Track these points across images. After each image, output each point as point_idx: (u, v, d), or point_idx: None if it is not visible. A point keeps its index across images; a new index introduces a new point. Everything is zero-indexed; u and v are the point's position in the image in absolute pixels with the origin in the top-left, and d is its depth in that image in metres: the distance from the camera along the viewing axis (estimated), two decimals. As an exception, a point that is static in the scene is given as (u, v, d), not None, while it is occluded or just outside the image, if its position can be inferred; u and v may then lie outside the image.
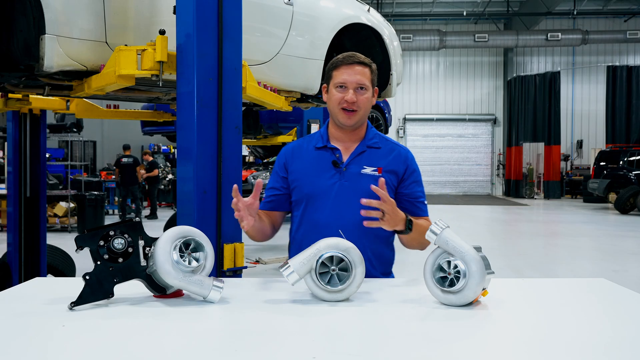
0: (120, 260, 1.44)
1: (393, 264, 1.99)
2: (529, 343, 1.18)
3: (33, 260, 4.11)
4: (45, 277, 4.10)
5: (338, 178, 1.86)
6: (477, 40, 20.02)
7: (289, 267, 1.47)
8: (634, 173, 14.71)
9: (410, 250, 1.94)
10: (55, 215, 10.14)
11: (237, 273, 2.48)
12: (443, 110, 23.13)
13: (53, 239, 4.91)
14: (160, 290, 1.48)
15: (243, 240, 2.46)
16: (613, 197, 14.93)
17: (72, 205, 10.12)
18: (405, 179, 1.91)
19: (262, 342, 1.16)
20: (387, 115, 8.05)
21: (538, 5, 20.07)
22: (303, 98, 3.93)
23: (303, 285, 1.51)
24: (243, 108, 3.12)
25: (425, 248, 1.86)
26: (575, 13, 20.18)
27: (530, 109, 20.21)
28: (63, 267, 4.44)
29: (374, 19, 4.21)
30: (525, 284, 1.82)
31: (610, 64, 19.88)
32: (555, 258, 7.79)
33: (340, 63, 1.86)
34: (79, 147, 15.60)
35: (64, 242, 5.10)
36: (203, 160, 2.37)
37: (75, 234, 1.96)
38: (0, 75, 2.74)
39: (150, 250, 1.45)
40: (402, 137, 22.99)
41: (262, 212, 1.90)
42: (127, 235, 1.45)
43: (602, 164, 15.83)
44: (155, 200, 12.86)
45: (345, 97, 1.83)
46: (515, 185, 20.87)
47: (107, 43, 2.65)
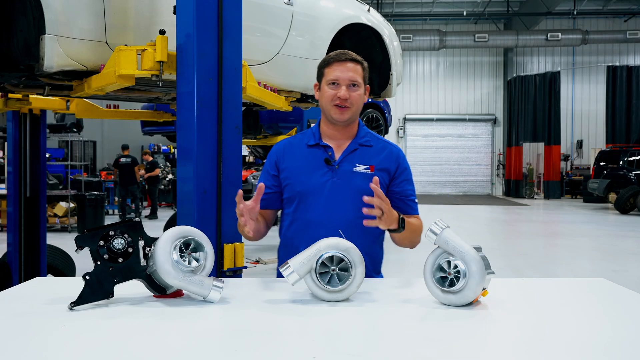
0: (120, 260, 1.44)
1: (382, 263, 2.00)
2: (529, 343, 1.18)
3: (33, 260, 4.11)
4: (45, 277, 4.10)
5: (330, 176, 1.87)
6: (477, 40, 20.03)
7: (289, 267, 1.47)
8: (634, 173, 14.71)
9: (411, 250, 1.95)
10: (55, 215, 10.14)
11: (237, 273, 2.48)
12: (443, 110, 23.13)
13: (53, 239, 4.91)
14: (160, 290, 1.48)
15: (243, 241, 2.46)
16: (613, 197, 14.93)
17: (72, 205, 10.12)
18: (397, 177, 1.92)
19: (262, 342, 1.16)
20: (387, 115, 8.04)
21: (538, 5, 20.07)
22: (303, 98, 3.93)
23: (303, 285, 1.51)
24: (243, 108, 3.12)
25: (415, 246, 1.88)
26: (575, 13, 20.18)
27: (530, 109, 20.21)
28: (63, 267, 4.45)
29: (374, 19, 4.21)
30: (525, 284, 1.82)
31: (610, 64, 19.88)
32: (555, 258, 7.79)
33: (332, 60, 1.87)
34: (79, 147, 15.60)
35: (64, 242, 5.11)
36: (203, 160, 2.37)
37: (75, 234, 1.96)
38: (0, 75, 2.74)
39: (150, 250, 1.45)
40: (402, 137, 22.99)
41: None
42: (127, 235, 1.45)
43: (602, 164, 15.83)
44: (156, 200, 12.86)
45: (338, 93, 1.83)
46: (515, 185, 20.88)
47: (107, 43, 2.66)
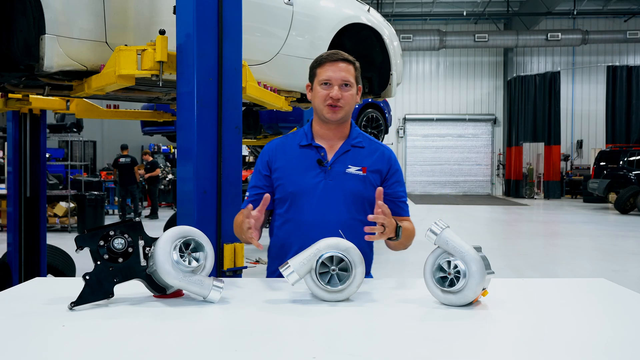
0: (120, 260, 1.44)
1: (372, 264, 2.01)
2: (529, 343, 1.18)
3: (33, 260, 4.11)
4: (45, 277, 4.10)
5: (323, 177, 1.87)
6: (477, 40, 20.02)
7: (289, 267, 1.47)
8: (634, 173, 14.71)
9: (411, 250, 1.95)
10: (55, 215, 10.14)
11: (237, 273, 2.48)
12: (443, 110, 23.13)
13: (53, 239, 4.91)
14: (160, 290, 1.48)
15: (243, 241, 2.46)
16: (613, 197, 14.93)
17: (72, 205, 10.12)
18: (388, 179, 1.92)
19: (262, 342, 1.16)
20: (387, 115, 8.05)
21: (538, 5, 20.07)
22: (303, 98, 3.93)
23: (303, 285, 1.51)
24: (243, 108, 3.12)
25: (407, 247, 1.88)
26: (575, 13, 20.17)
27: (530, 109, 20.20)
28: (63, 267, 4.45)
29: (374, 19, 4.21)
30: (525, 284, 1.82)
31: (610, 64, 19.87)
32: (555, 258, 7.79)
33: (324, 60, 1.86)
34: (79, 147, 15.60)
35: (64, 242, 5.11)
36: (203, 160, 2.37)
37: (75, 234, 1.96)
38: (0, 75, 2.74)
39: (150, 250, 1.45)
40: (402, 137, 23.00)
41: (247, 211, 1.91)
42: (127, 235, 1.45)
43: (602, 164, 15.83)
44: (156, 200, 12.86)
45: (331, 93, 1.83)
46: (515, 185, 20.87)
47: (107, 43, 2.65)
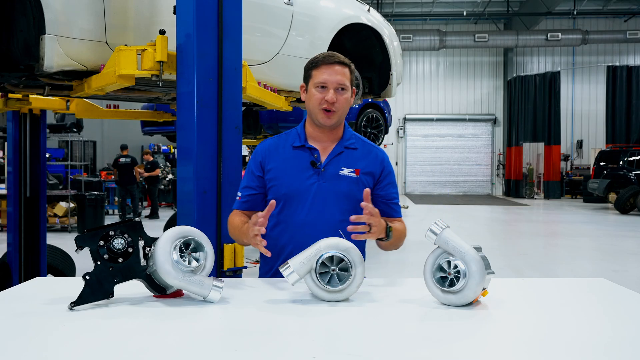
0: (120, 260, 1.44)
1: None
2: (529, 343, 1.18)
3: (33, 260, 4.11)
4: (45, 277, 4.10)
5: (316, 179, 1.86)
6: (477, 40, 20.02)
7: (289, 267, 1.47)
8: (634, 173, 14.71)
9: (410, 250, 1.95)
10: (55, 215, 10.14)
11: (237, 273, 2.48)
12: (443, 110, 23.13)
13: (53, 239, 4.91)
14: (160, 290, 1.48)
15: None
16: (613, 197, 14.93)
17: (72, 205, 10.12)
18: (381, 181, 1.93)
19: (262, 342, 1.16)
20: (387, 115, 8.05)
21: (538, 5, 20.07)
22: (303, 98, 3.93)
23: (303, 285, 1.51)
24: (243, 108, 3.12)
25: (399, 247, 1.89)
26: (575, 13, 20.17)
27: (530, 109, 20.20)
28: (63, 267, 4.45)
29: (374, 19, 4.21)
30: (525, 284, 1.82)
31: (610, 64, 19.87)
32: (555, 258, 7.79)
33: (320, 62, 1.85)
34: (79, 147, 15.59)
35: (64, 242, 5.11)
36: (203, 160, 2.37)
37: (75, 234, 1.96)
38: (0, 75, 2.75)
39: (150, 250, 1.45)
40: (402, 137, 23.00)
41: (239, 212, 1.91)
42: (127, 235, 1.45)
43: (602, 164, 15.83)
44: (157, 200, 12.86)
45: (326, 97, 1.82)
46: (515, 185, 20.87)
47: (107, 43, 2.66)
